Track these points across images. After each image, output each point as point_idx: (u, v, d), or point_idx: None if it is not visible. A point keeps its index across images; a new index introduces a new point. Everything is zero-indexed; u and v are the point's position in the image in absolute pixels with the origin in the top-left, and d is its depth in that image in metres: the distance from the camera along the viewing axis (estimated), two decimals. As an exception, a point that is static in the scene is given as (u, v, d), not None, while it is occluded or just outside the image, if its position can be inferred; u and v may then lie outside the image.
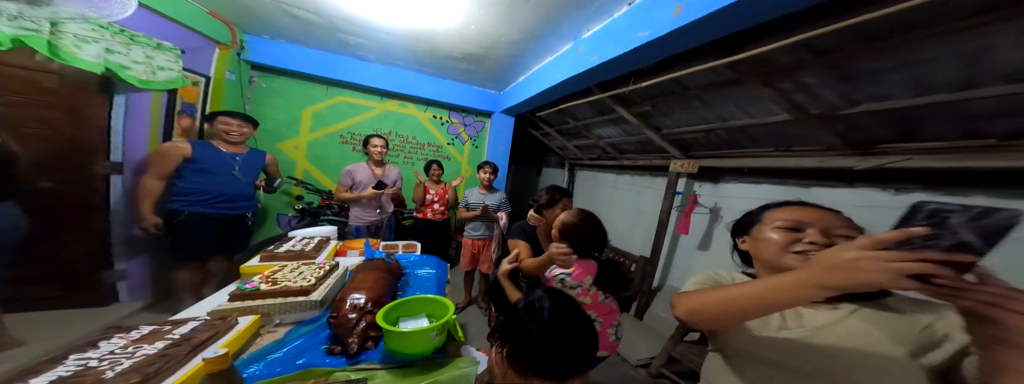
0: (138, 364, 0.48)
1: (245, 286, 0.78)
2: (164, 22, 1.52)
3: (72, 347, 0.52)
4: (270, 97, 2.30)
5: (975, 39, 0.79)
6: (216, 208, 1.42)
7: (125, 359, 0.49)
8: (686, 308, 0.46)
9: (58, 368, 0.46)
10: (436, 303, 0.82)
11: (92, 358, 0.49)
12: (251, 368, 0.60)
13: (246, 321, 0.69)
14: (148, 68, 1.44)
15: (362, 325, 0.72)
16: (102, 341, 0.55)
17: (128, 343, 0.55)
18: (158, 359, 0.50)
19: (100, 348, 0.53)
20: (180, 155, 1.35)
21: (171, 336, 0.58)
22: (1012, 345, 0.29)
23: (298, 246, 1.12)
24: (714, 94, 1.50)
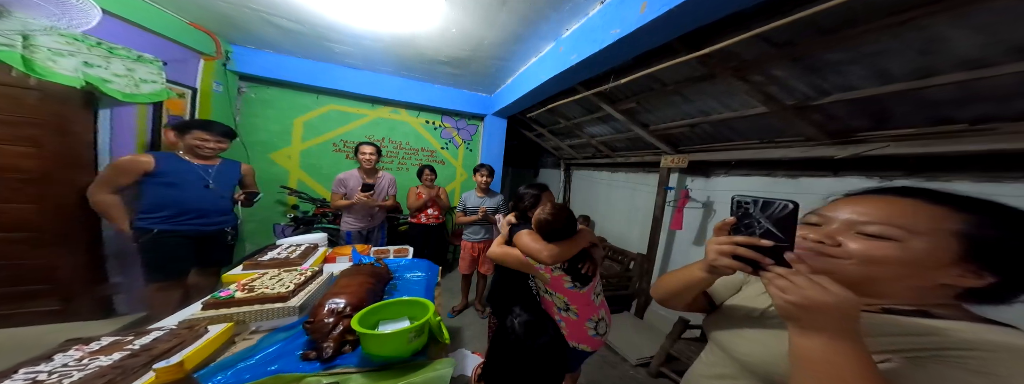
0: (88, 376, 0.46)
1: (219, 294, 0.76)
2: (142, 34, 1.51)
3: (26, 361, 0.50)
4: (261, 108, 2.31)
5: (916, 31, 0.80)
6: (188, 225, 1.28)
7: (77, 372, 0.47)
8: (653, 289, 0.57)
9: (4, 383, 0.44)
10: (417, 305, 0.80)
11: (42, 372, 0.47)
12: (218, 376, 0.58)
13: (217, 329, 0.67)
14: (130, 81, 1.44)
15: (339, 329, 0.70)
16: (58, 354, 0.52)
17: (84, 355, 0.52)
18: (110, 371, 0.48)
19: (54, 361, 0.50)
20: (140, 170, 1.19)
21: (130, 347, 0.55)
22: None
23: (284, 254, 1.10)
24: (692, 89, 1.51)
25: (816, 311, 0.28)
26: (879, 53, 0.91)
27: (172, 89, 1.66)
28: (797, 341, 0.29)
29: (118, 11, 1.37)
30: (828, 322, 0.27)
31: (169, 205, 1.25)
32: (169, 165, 1.26)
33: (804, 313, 0.28)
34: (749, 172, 1.71)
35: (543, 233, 0.86)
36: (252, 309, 0.75)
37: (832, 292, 0.27)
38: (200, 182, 1.31)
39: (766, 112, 1.33)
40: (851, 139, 1.20)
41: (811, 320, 0.28)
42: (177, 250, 1.27)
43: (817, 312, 0.28)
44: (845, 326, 0.27)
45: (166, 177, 1.24)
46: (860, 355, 0.27)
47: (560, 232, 0.85)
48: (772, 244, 0.32)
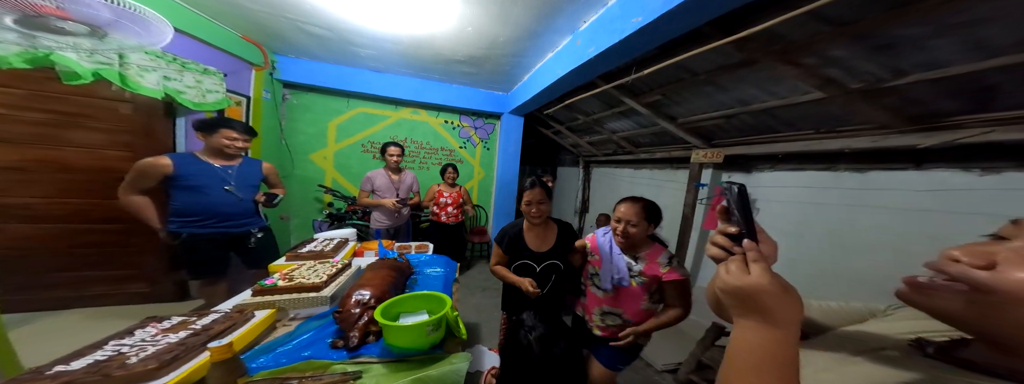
0: (158, 351, 0.53)
1: (265, 282, 0.85)
2: (204, 48, 1.71)
3: (113, 335, 0.59)
4: (301, 112, 2.52)
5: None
6: (214, 228, 1.27)
7: (151, 346, 0.55)
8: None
9: (97, 353, 0.52)
10: (435, 299, 0.82)
11: (125, 344, 0.55)
12: (260, 358, 0.64)
13: (262, 314, 0.74)
14: (199, 92, 1.64)
15: (364, 320, 0.74)
16: (139, 329, 0.62)
17: (158, 332, 0.61)
18: (176, 347, 0.56)
19: (135, 336, 0.59)
20: (159, 173, 1.17)
21: (193, 327, 0.64)
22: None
23: (319, 247, 1.20)
24: (727, 77, 1.37)
25: (734, 295, 0.28)
26: (973, 22, 0.75)
27: (231, 98, 1.88)
28: (735, 326, 0.29)
29: (185, 28, 1.57)
30: (751, 307, 0.27)
31: (193, 209, 1.23)
32: (187, 167, 1.21)
33: (728, 297, 0.29)
34: (801, 166, 1.51)
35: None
36: (291, 297, 0.82)
37: (746, 277, 0.28)
38: (220, 185, 1.26)
39: (823, 98, 1.16)
40: (939, 125, 1.00)
41: (737, 304, 0.29)
42: (209, 252, 1.27)
43: (735, 296, 0.28)
44: (771, 315, 0.27)
45: (186, 180, 1.20)
46: (778, 343, 0.26)
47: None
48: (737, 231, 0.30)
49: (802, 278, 1.45)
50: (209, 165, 1.27)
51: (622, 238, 0.93)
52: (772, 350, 0.26)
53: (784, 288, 0.27)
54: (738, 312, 0.29)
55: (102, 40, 0.84)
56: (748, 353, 0.27)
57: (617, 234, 0.95)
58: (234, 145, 1.30)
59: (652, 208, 0.95)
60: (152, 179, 1.19)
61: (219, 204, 1.27)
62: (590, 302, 1.03)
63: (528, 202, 1.03)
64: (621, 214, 0.94)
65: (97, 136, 1.49)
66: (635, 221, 0.91)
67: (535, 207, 1.02)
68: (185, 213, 1.24)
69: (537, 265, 1.08)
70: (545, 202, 1.03)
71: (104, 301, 1.58)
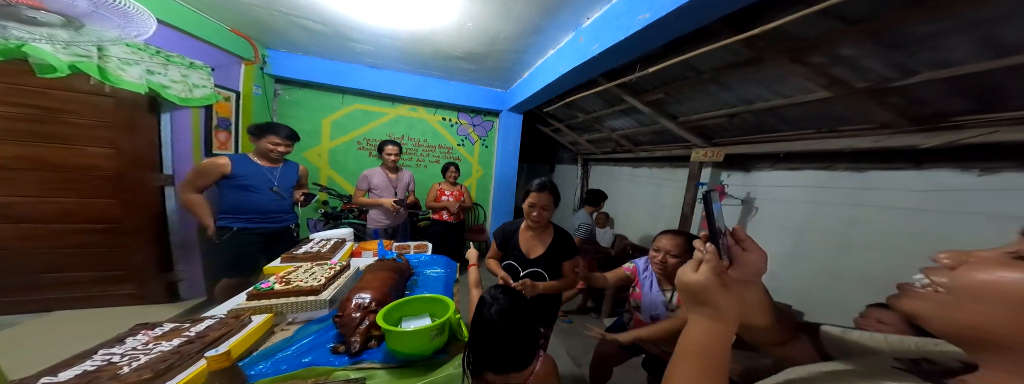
0: (152, 361, 0.51)
1: (261, 286, 0.82)
2: (190, 41, 1.64)
3: (103, 343, 0.57)
4: (293, 108, 2.46)
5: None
6: (261, 224, 1.41)
7: (143, 355, 0.53)
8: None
9: (85, 363, 0.50)
10: (438, 303, 0.81)
11: (116, 353, 0.53)
12: (259, 365, 0.62)
13: (259, 319, 0.72)
14: (185, 86, 1.58)
15: (365, 324, 0.72)
16: (129, 337, 0.59)
17: (149, 340, 0.59)
18: (171, 356, 0.53)
19: (125, 344, 0.57)
20: (219, 173, 1.31)
21: (187, 334, 0.61)
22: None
23: (316, 248, 1.17)
24: (732, 76, 1.36)
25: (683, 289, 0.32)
26: (992, 20, 0.74)
27: (220, 93, 1.81)
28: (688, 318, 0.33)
29: (169, 20, 1.50)
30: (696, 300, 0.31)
31: (244, 206, 1.36)
32: (243, 168, 1.36)
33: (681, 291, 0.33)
34: (800, 165, 1.52)
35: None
36: (288, 301, 0.80)
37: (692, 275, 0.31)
38: (267, 185, 1.41)
39: (829, 97, 1.16)
40: (942, 125, 1.01)
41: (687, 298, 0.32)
42: (252, 246, 1.39)
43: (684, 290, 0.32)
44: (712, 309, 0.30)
45: (240, 180, 1.34)
46: (712, 334, 0.30)
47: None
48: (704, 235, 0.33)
49: (802, 276, 1.47)
50: (259, 166, 1.41)
51: (660, 268, 0.95)
52: (706, 340, 0.30)
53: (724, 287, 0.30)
54: (688, 305, 0.32)
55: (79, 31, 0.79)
56: (687, 341, 0.31)
57: (655, 263, 0.96)
58: (276, 150, 1.42)
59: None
60: (211, 178, 1.32)
61: (266, 202, 1.40)
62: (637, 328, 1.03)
63: (532, 204, 0.99)
64: (661, 245, 0.95)
65: (78, 132, 1.43)
66: (676, 253, 0.92)
67: (537, 211, 0.99)
68: (236, 209, 1.36)
69: (521, 269, 1.06)
70: (549, 208, 0.99)
71: (90, 303, 1.53)
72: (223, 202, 1.36)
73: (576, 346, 1.84)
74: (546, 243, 1.05)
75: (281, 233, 1.49)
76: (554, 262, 1.05)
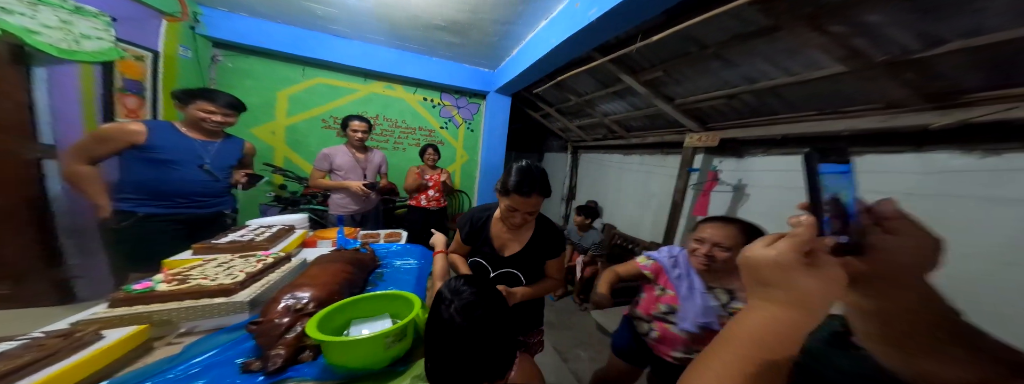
0: None
1: (134, 287, 0.56)
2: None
3: None
4: (238, 78, 2.04)
5: None
6: (181, 209, 1.09)
7: None
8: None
9: None
10: (400, 300, 0.61)
11: None
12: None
13: (122, 334, 0.48)
14: (66, 35, 1.18)
15: (295, 332, 0.50)
16: None
17: None
18: None
19: None
20: (127, 141, 0.97)
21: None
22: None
23: (248, 235, 0.91)
24: (739, 49, 1.22)
25: (742, 267, 0.26)
26: None
27: (125, 49, 1.40)
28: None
29: None
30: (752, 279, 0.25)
31: (155, 186, 1.03)
32: (164, 139, 1.02)
33: (744, 271, 0.26)
34: (797, 150, 1.45)
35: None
36: (181, 306, 0.55)
37: (761, 250, 0.24)
38: (195, 161, 1.09)
39: (839, 74, 1.05)
40: (956, 103, 0.93)
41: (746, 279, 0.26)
42: (165, 236, 1.05)
43: (743, 268, 0.26)
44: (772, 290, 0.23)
45: (157, 152, 1.01)
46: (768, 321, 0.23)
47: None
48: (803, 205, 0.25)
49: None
50: (187, 139, 1.09)
51: (705, 263, 0.71)
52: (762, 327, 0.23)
53: (808, 266, 0.22)
54: (750, 288, 0.25)
55: None
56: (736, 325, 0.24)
57: (698, 257, 0.72)
58: (211, 119, 1.10)
59: (753, 232, 0.71)
60: (114, 146, 0.99)
61: (190, 182, 1.10)
62: (666, 341, 0.79)
63: (512, 209, 0.69)
64: (706, 236, 0.71)
65: None
66: (728, 244, 0.69)
67: (520, 217, 0.70)
68: (141, 188, 1.03)
69: (492, 269, 0.80)
70: (536, 212, 0.72)
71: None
72: (126, 179, 1.02)
73: (563, 340, 1.71)
74: (524, 239, 0.79)
75: (210, 220, 1.16)
76: (534, 261, 0.80)
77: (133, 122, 1.00)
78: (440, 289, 0.46)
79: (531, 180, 0.66)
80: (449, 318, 0.41)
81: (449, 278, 0.48)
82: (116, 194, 1.01)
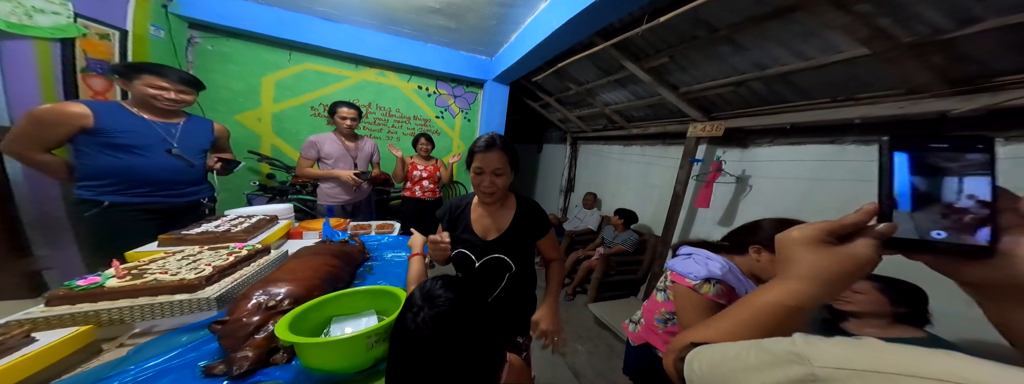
0: None
1: (78, 283, 0.49)
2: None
3: None
4: (220, 62, 1.89)
5: None
6: (152, 198, 0.97)
7: None
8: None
9: None
10: (387, 296, 0.55)
11: None
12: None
13: (61, 335, 0.40)
14: (16, 8, 1.04)
15: (266, 331, 0.44)
16: None
17: None
18: None
19: None
20: (72, 125, 0.84)
21: None
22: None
23: (224, 225, 0.82)
24: (752, 33, 1.14)
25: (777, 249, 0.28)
26: None
27: (86, 26, 1.26)
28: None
29: None
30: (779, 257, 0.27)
31: (122, 173, 0.91)
32: (116, 121, 0.89)
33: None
34: (804, 139, 1.39)
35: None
36: (135, 303, 0.48)
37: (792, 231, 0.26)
38: (161, 145, 0.96)
39: (858, 58, 0.97)
40: (983, 86, 0.86)
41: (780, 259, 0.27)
42: (137, 226, 0.93)
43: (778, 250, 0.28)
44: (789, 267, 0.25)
45: (113, 136, 0.88)
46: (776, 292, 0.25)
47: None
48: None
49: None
50: (143, 120, 0.95)
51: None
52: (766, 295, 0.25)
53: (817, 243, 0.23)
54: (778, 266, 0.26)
55: None
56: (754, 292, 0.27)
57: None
58: (163, 96, 0.95)
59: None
60: (61, 132, 0.85)
61: (160, 169, 0.97)
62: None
63: (479, 169, 0.65)
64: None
65: None
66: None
67: (487, 179, 0.65)
68: (107, 176, 0.91)
69: (477, 259, 0.71)
70: (505, 173, 0.66)
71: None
72: (85, 166, 0.90)
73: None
74: (507, 220, 0.72)
75: (186, 210, 1.06)
76: (520, 242, 0.73)
77: (72, 103, 0.86)
78: (412, 292, 0.37)
79: (490, 137, 0.67)
80: (415, 329, 0.33)
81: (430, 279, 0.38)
82: (80, 181, 0.90)
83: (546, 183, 3.69)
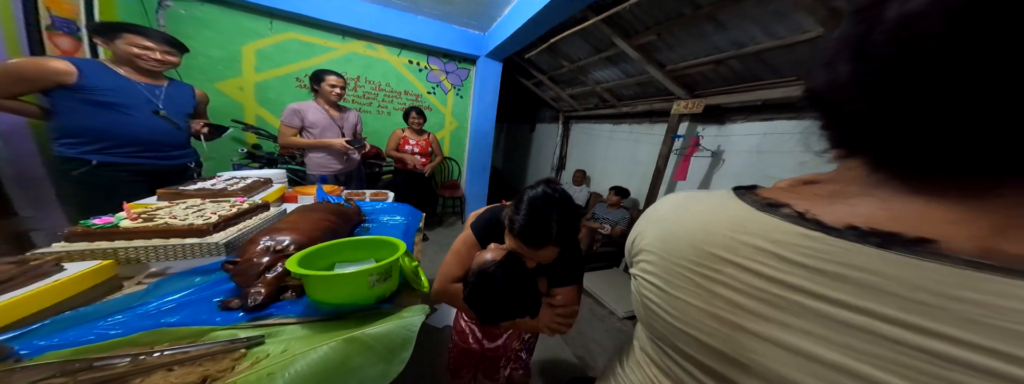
0: None
1: (94, 221, 0.51)
2: None
3: None
4: (196, 28, 1.76)
5: None
6: (141, 159, 0.95)
7: None
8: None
9: None
10: (387, 246, 0.59)
11: None
12: (69, 332, 0.36)
13: (81, 268, 0.44)
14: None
15: (276, 271, 0.48)
16: None
17: None
18: None
19: None
20: (50, 80, 0.81)
21: None
22: None
23: (220, 185, 0.83)
24: (731, 11, 1.18)
25: None
26: None
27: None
28: None
29: None
30: None
31: (103, 132, 0.88)
32: (101, 79, 0.86)
33: None
34: (774, 115, 1.47)
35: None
36: (148, 244, 0.51)
37: None
38: (146, 105, 0.93)
39: (819, 37, 1.03)
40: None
41: None
42: (125, 187, 0.90)
43: None
44: None
45: (97, 94, 0.84)
46: None
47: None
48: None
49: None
50: (128, 80, 0.92)
51: None
52: None
53: None
54: None
55: None
56: None
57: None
58: (149, 56, 0.92)
59: None
60: (32, 86, 0.81)
61: (146, 131, 0.94)
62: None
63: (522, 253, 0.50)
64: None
65: None
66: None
67: (530, 262, 0.51)
68: (92, 134, 0.88)
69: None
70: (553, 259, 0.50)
71: None
72: (67, 123, 0.86)
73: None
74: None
75: (174, 173, 1.04)
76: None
77: (56, 59, 0.82)
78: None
79: (545, 226, 0.45)
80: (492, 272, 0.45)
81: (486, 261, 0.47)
82: (59, 138, 0.86)
83: (538, 162, 3.73)
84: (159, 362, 0.32)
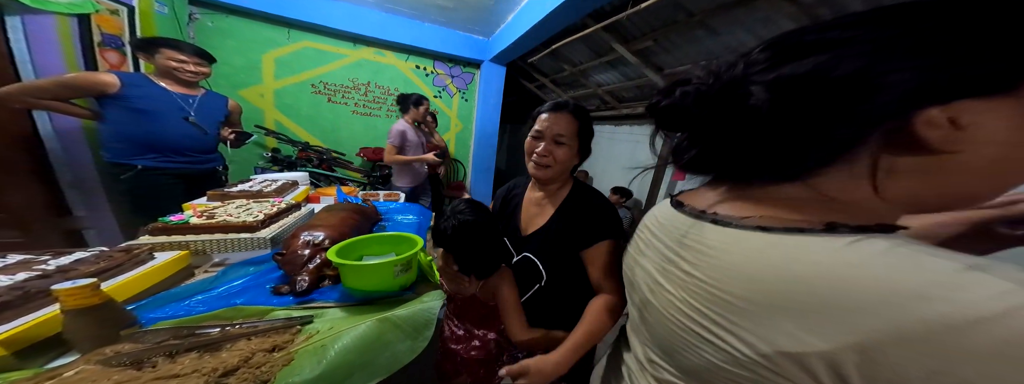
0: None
1: (171, 218, 0.62)
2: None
3: None
4: (220, 39, 1.89)
5: None
6: (177, 164, 1.05)
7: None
8: None
9: None
10: (405, 241, 0.68)
11: None
12: (166, 308, 0.47)
13: (166, 257, 0.55)
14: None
15: (317, 262, 0.58)
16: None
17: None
18: (6, 292, 0.36)
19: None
20: (95, 90, 0.92)
21: (42, 267, 0.43)
22: None
23: (256, 187, 0.95)
24: (723, 18, 1.23)
25: None
26: None
27: (98, 2, 1.28)
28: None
29: None
30: None
31: (140, 138, 0.99)
32: (139, 88, 0.97)
33: None
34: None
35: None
36: (212, 238, 0.62)
37: None
38: (177, 112, 1.03)
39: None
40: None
41: None
42: (165, 190, 1.02)
43: None
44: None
45: (132, 101, 0.95)
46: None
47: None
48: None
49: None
50: (164, 89, 1.03)
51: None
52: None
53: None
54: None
55: None
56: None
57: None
58: (184, 68, 1.03)
59: None
60: (78, 94, 0.95)
61: (179, 136, 1.04)
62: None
63: (537, 134, 0.49)
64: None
65: None
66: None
67: (545, 145, 0.48)
68: (135, 142, 0.99)
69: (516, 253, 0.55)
70: (568, 142, 0.48)
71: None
72: (111, 131, 0.97)
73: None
74: (551, 207, 0.52)
75: (205, 177, 1.14)
76: (559, 244, 0.51)
77: (105, 73, 0.95)
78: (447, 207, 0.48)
79: (560, 99, 0.52)
80: (443, 229, 0.46)
81: (457, 201, 0.48)
82: (106, 144, 0.99)
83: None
84: (240, 332, 0.42)
